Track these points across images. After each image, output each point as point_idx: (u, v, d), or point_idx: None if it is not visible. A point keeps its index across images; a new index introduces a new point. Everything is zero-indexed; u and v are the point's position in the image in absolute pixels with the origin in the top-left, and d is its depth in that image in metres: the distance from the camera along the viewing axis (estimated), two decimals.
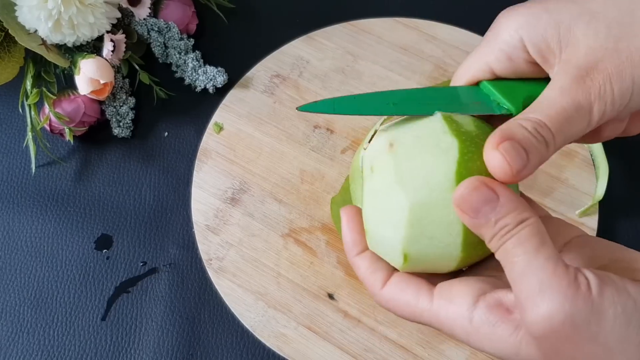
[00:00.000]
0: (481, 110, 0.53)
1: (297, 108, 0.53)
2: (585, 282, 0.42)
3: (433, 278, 0.52)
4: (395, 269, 0.53)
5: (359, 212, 0.54)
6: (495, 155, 0.45)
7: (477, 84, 0.56)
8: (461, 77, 0.56)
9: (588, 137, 0.54)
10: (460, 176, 0.47)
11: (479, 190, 0.45)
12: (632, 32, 0.47)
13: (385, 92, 0.55)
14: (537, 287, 0.42)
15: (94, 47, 0.94)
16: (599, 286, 0.42)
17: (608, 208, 0.88)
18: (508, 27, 0.52)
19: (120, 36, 0.93)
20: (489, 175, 0.46)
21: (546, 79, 0.52)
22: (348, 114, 0.53)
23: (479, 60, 0.54)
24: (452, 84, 0.58)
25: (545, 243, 0.43)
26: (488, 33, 0.54)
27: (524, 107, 0.51)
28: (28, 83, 0.92)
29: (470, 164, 0.47)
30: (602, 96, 0.47)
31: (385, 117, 0.76)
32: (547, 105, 0.48)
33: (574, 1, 0.50)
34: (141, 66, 0.97)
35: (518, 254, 0.43)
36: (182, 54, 0.97)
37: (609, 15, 0.48)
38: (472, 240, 0.48)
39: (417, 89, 0.55)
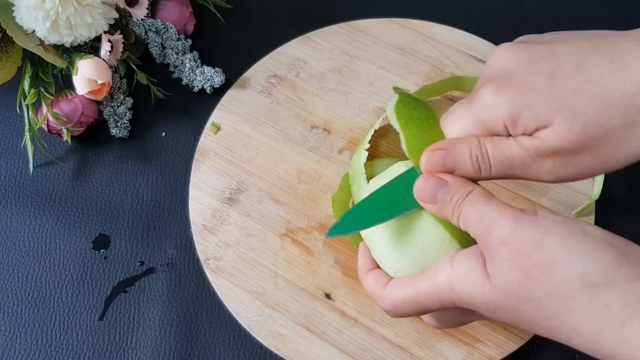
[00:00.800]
0: None
1: (326, 235, 0.65)
2: (531, 211, 0.52)
3: None
4: None
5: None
6: (424, 157, 0.59)
7: None
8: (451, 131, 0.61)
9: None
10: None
11: (430, 180, 0.56)
12: (603, 137, 0.52)
13: (383, 188, 0.63)
14: (492, 221, 0.52)
15: (91, 47, 0.94)
16: (543, 214, 0.51)
17: (604, 208, 0.88)
18: (491, 113, 0.56)
19: (118, 36, 0.93)
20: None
21: None
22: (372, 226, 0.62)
23: (465, 131, 0.58)
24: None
25: (492, 198, 0.54)
26: (471, 106, 0.58)
27: None
28: (26, 83, 0.92)
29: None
30: (552, 171, 0.55)
31: (383, 116, 0.79)
32: (502, 148, 0.56)
33: (555, 97, 0.53)
34: (139, 66, 0.97)
35: (473, 212, 0.54)
36: (180, 54, 0.97)
37: (587, 115, 0.52)
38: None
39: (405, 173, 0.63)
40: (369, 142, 0.81)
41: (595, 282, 0.47)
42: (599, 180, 0.88)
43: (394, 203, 0.60)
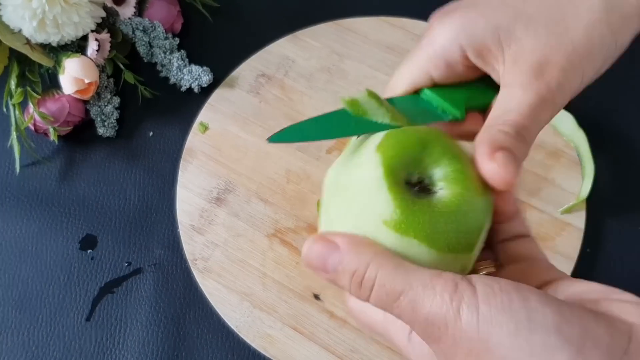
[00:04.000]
0: (429, 119, 0.54)
1: (267, 139, 0.54)
2: (467, 285, 0.40)
3: None
4: None
5: None
6: (493, 168, 0.46)
7: (416, 92, 0.56)
8: (399, 86, 0.57)
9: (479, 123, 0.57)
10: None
11: (317, 244, 0.45)
12: (567, 27, 0.50)
13: (337, 112, 0.56)
14: (431, 313, 0.40)
15: (78, 46, 0.94)
16: (480, 288, 0.40)
17: (595, 207, 0.88)
18: (444, 35, 0.53)
19: (105, 35, 0.93)
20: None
21: (480, 80, 0.55)
22: (316, 140, 0.55)
23: (417, 68, 0.55)
24: (388, 93, 0.58)
25: (401, 265, 0.42)
26: (423, 40, 0.55)
27: (467, 111, 0.54)
28: (12, 82, 0.91)
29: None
30: (561, 87, 0.50)
31: None
32: (516, 105, 0.50)
33: (507, 5, 0.51)
34: (126, 65, 0.97)
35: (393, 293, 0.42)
36: (167, 53, 0.97)
37: (544, 15, 0.50)
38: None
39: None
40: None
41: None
42: (588, 180, 0.88)
43: (344, 125, 0.55)
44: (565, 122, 0.92)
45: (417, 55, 0.55)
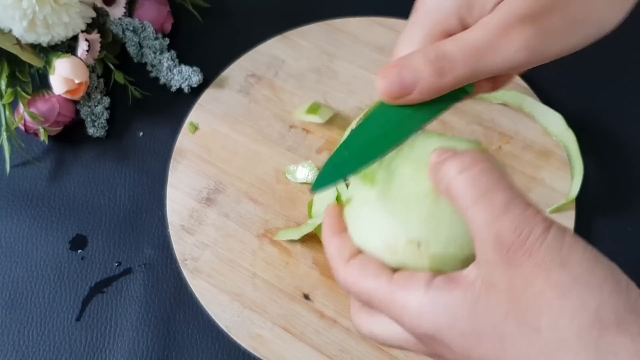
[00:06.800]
0: (448, 102, 0.53)
1: (310, 190, 0.57)
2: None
3: None
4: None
5: (341, 209, 0.54)
6: (379, 80, 0.50)
7: None
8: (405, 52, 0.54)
9: (485, 87, 0.56)
10: None
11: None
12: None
13: (365, 126, 0.54)
14: (524, 220, 0.42)
15: (68, 46, 0.94)
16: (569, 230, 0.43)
17: (585, 207, 0.89)
18: (444, 4, 0.51)
19: (95, 36, 0.93)
20: None
21: None
22: (361, 170, 0.53)
23: (418, 43, 0.53)
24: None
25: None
26: (412, 15, 0.54)
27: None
28: (2, 83, 0.91)
29: None
30: (526, 45, 0.48)
31: (360, 116, 0.77)
32: (463, 37, 0.49)
33: None
34: (116, 66, 0.97)
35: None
36: (157, 53, 0.97)
37: None
38: None
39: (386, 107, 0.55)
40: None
41: (608, 320, 0.40)
42: (577, 180, 0.88)
43: (375, 140, 0.53)
44: (555, 122, 0.92)
45: (411, 32, 0.53)
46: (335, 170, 0.53)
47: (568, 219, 0.87)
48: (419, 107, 0.52)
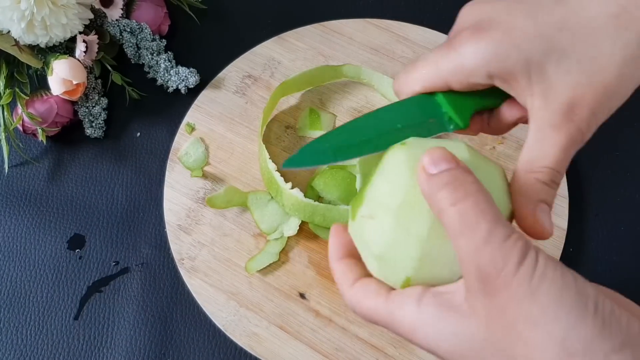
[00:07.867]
0: (436, 130, 0.56)
1: (282, 166, 0.57)
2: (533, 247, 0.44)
3: None
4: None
5: (346, 228, 0.56)
6: (536, 225, 0.51)
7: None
8: (414, 86, 0.57)
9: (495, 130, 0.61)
10: None
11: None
12: (600, 67, 0.51)
13: (355, 124, 0.57)
14: (502, 256, 0.43)
15: (66, 47, 0.94)
16: (542, 258, 0.43)
17: (577, 208, 0.89)
18: (474, 57, 0.53)
19: (93, 37, 0.93)
20: None
21: (491, 89, 0.55)
22: (333, 162, 0.56)
23: (437, 76, 0.55)
24: (400, 87, 0.59)
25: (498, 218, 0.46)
26: (450, 48, 0.55)
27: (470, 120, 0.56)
28: (1, 84, 0.91)
29: None
30: (589, 128, 0.52)
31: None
32: (550, 148, 0.52)
33: (542, 35, 0.51)
34: (113, 67, 0.97)
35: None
36: (155, 54, 0.97)
37: (577, 50, 0.51)
38: None
39: (380, 113, 0.57)
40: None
41: (573, 350, 0.41)
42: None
43: (357, 143, 0.55)
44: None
45: (439, 62, 0.55)
46: (310, 157, 0.56)
47: (561, 219, 0.88)
48: (409, 125, 0.56)
